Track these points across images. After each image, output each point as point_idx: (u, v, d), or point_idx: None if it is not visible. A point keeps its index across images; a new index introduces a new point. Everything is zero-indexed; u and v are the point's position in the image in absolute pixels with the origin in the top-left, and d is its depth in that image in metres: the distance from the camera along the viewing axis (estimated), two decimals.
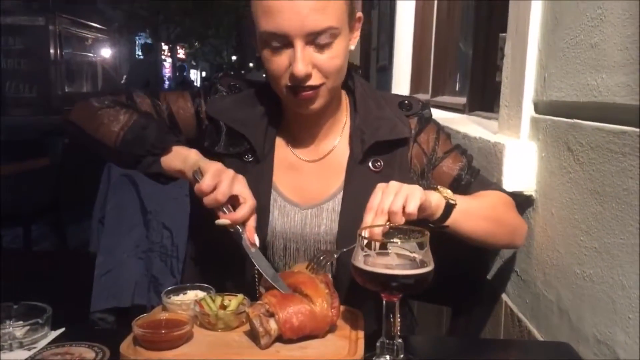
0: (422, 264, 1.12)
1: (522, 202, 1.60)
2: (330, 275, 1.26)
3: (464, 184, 1.47)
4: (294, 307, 1.15)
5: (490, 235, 1.42)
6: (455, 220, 1.30)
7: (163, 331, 1.13)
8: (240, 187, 1.28)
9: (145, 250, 3.28)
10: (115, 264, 3.36)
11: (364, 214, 1.21)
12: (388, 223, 1.20)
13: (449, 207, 1.29)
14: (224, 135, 1.45)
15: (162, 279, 3.41)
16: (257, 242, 1.29)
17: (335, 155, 1.48)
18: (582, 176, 1.30)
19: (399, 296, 1.15)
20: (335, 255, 1.33)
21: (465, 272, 1.69)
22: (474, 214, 1.36)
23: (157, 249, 3.28)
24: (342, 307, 1.28)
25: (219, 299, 1.27)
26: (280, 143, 1.49)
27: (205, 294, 1.33)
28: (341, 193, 1.44)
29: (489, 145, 1.69)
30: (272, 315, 1.15)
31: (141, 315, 1.20)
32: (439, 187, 1.31)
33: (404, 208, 1.20)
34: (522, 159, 1.56)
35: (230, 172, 1.28)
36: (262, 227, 1.40)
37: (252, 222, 1.29)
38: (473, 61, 2.85)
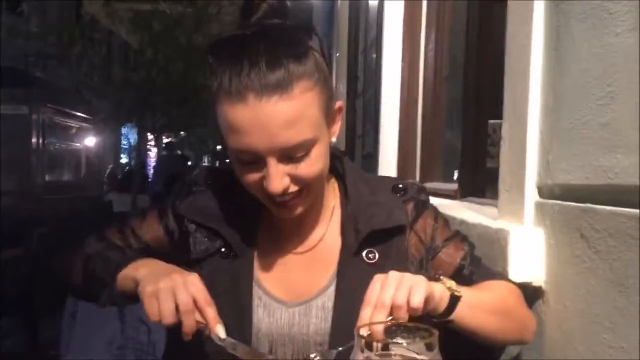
0: None
1: (530, 294, 1.47)
2: None
3: (466, 274, 1.35)
4: None
5: (499, 331, 1.28)
6: (461, 314, 1.17)
7: None
8: (183, 295, 1.10)
9: (119, 347, 3.06)
10: None
11: (360, 309, 1.07)
12: (390, 319, 1.06)
13: (454, 300, 1.16)
14: (196, 236, 1.33)
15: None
16: (221, 332, 1.12)
17: (324, 245, 1.36)
18: (601, 266, 1.18)
19: None
20: (328, 356, 1.18)
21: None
22: (481, 307, 1.23)
23: (132, 345, 3.06)
24: None
25: None
26: (262, 235, 1.36)
27: None
28: (332, 287, 1.30)
29: (491, 232, 1.58)
30: None
31: None
32: (441, 277, 1.18)
33: (407, 302, 1.06)
34: (528, 246, 1.45)
35: (165, 286, 1.10)
36: (245, 327, 1.27)
37: (210, 314, 1.12)
38: (462, 147, 2.80)
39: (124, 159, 22.57)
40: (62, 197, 7.35)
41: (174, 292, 1.09)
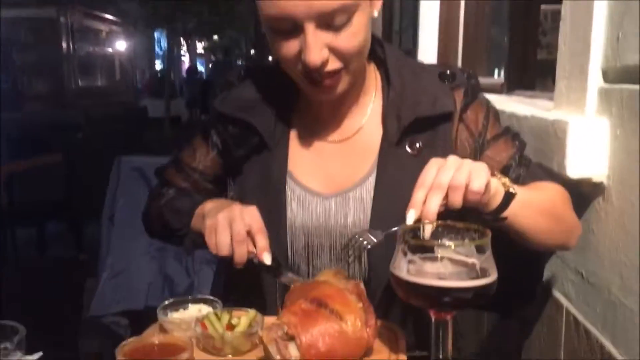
0: (483, 272, 0.87)
1: (589, 191, 1.34)
2: (362, 284, 1.01)
3: (514, 176, 1.22)
4: (319, 328, 0.91)
5: (548, 234, 1.17)
6: (514, 212, 1.06)
7: None
8: (239, 225, 1.09)
9: (158, 249, 3.08)
10: (127, 264, 3.16)
11: (413, 191, 0.97)
12: (437, 223, 0.95)
13: (509, 197, 1.04)
14: (234, 138, 1.28)
15: (177, 279, 3.21)
16: (267, 259, 1.09)
17: (363, 135, 1.25)
18: None
19: (452, 313, 0.90)
20: (374, 239, 1.08)
21: (516, 271, 1.43)
22: (533, 207, 1.11)
23: (171, 248, 3.07)
24: (378, 323, 1.04)
25: (226, 317, 1.04)
26: (297, 124, 1.27)
27: (209, 308, 1.10)
28: (371, 179, 1.21)
29: (546, 124, 1.42)
30: (292, 338, 0.91)
31: (129, 339, 0.96)
32: (495, 172, 1.06)
33: (466, 185, 0.96)
34: (589, 138, 1.30)
35: (223, 219, 1.10)
36: (279, 221, 1.21)
37: (261, 243, 1.09)
38: (510, 36, 2.59)
39: (158, 65, 22.41)
40: (97, 102, 7.33)
41: (230, 224, 1.08)
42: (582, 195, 1.38)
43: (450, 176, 0.96)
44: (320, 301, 0.95)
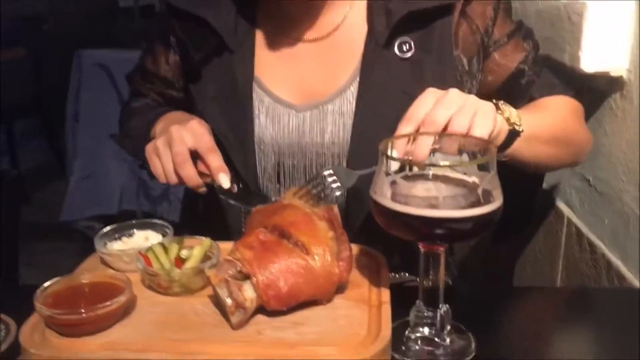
0: (486, 196, 0.69)
1: (604, 86, 1.15)
2: (336, 208, 0.84)
3: (523, 84, 1.03)
4: (280, 264, 0.75)
5: (554, 161, 1.02)
6: (517, 148, 0.88)
7: (82, 311, 0.73)
8: (177, 146, 0.91)
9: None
10: (96, 167, 2.98)
11: (398, 125, 0.78)
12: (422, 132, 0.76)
13: (513, 136, 0.86)
14: (191, 38, 1.07)
15: (151, 183, 3.04)
16: (224, 182, 0.92)
17: (344, 33, 1.04)
18: None
19: (446, 246, 0.74)
20: (349, 178, 0.90)
21: (511, 195, 1.27)
22: (539, 139, 0.93)
23: None
24: (355, 249, 0.88)
25: (174, 248, 0.87)
26: (263, 21, 1.06)
27: (158, 237, 0.93)
28: (353, 87, 1.01)
29: (558, 7, 1.20)
30: (246, 277, 0.75)
31: (54, 280, 0.80)
32: (499, 103, 0.86)
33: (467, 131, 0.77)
34: (610, 25, 1.09)
35: (162, 143, 0.94)
36: (245, 138, 1.03)
37: (213, 163, 0.92)
38: None
39: None
40: None
41: (169, 145, 0.92)
42: (595, 90, 1.19)
43: (448, 115, 0.76)
44: (282, 230, 0.78)
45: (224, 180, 0.91)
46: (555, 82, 1.06)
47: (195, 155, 0.93)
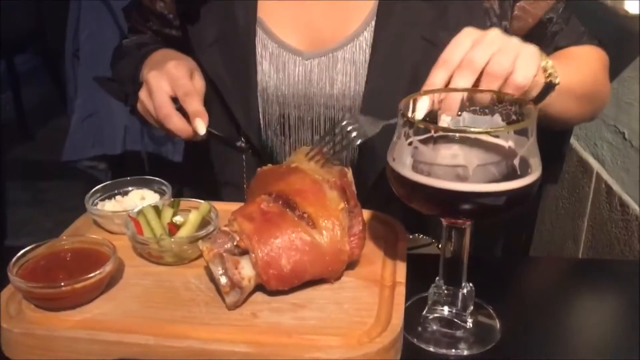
0: (524, 167, 0.59)
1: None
2: (350, 174, 0.74)
3: (550, 32, 0.92)
4: (282, 239, 0.66)
5: (578, 116, 0.93)
6: (548, 103, 0.77)
7: (62, 284, 0.65)
8: (156, 98, 0.83)
9: None
10: (98, 105, 2.87)
11: (431, 70, 0.67)
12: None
13: (548, 88, 0.75)
14: None
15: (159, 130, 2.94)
16: (200, 128, 0.83)
17: None
18: None
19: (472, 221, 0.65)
20: (368, 130, 0.79)
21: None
22: (570, 93, 0.83)
23: None
24: (369, 216, 0.80)
25: (168, 212, 0.78)
26: None
27: (155, 197, 0.85)
28: (367, 33, 0.90)
29: None
30: (244, 253, 0.66)
31: (34, 245, 0.71)
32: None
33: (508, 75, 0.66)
34: None
35: (144, 95, 0.86)
36: (248, 85, 0.93)
37: (190, 107, 0.83)
38: None
39: None
40: None
41: (151, 97, 0.84)
42: (635, 35, 1.06)
43: (488, 56, 0.65)
44: (286, 199, 0.68)
45: (200, 126, 0.82)
46: (583, 30, 0.95)
47: None
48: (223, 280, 0.64)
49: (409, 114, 0.63)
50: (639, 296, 0.75)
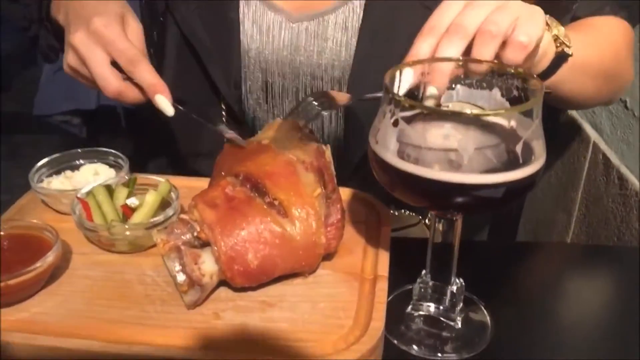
0: (526, 153, 0.51)
1: None
2: (329, 152, 0.65)
3: (565, 3, 0.82)
4: (249, 230, 0.57)
5: (592, 98, 0.84)
6: (561, 78, 0.68)
7: None
8: (93, 68, 0.69)
9: None
10: None
11: (416, 37, 0.57)
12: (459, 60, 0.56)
13: (560, 60, 0.66)
14: None
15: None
16: (167, 108, 0.70)
17: None
18: None
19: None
20: (343, 102, 0.70)
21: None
22: (586, 69, 0.74)
23: None
24: (349, 195, 0.72)
25: (122, 192, 0.69)
26: None
27: (110, 172, 0.76)
28: None
29: None
30: (206, 244, 0.58)
31: None
32: (546, 18, 0.64)
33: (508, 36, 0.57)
34: None
35: (74, 62, 0.71)
36: (228, 48, 0.83)
37: (143, 81, 0.70)
38: None
39: None
40: None
41: (86, 66, 0.70)
42: None
43: (482, 18, 0.55)
44: (255, 183, 0.60)
45: (164, 105, 0.69)
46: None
47: None
48: (180, 277, 0.56)
49: (395, 89, 0.55)
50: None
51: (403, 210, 0.93)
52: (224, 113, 0.87)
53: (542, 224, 1.41)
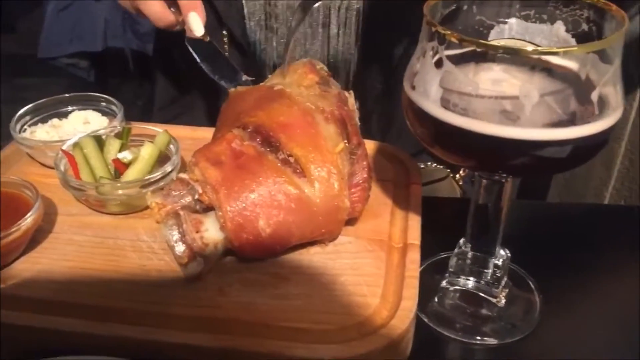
0: (602, 102, 0.41)
1: None
2: (352, 99, 0.55)
3: None
4: (260, 192, 0.48)
5: None
6: None
7: None
8: None
9: None
10: None
11: None
12: None
13: None
14: None
15: (136, 16, 2.69)
16: (198, 27, 0.65)
17: None
18: None
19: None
20: None
21: None
22: None
23: None
24: (373, 149, 0.63)
25: (114, 144, 0.60)
26: None
27: (102, 121, 0.67)
28: None
29: None
30: (209, 209, 0.49)
31: None
32: None
33: None
34: None
35: None
36: None
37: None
38: None
39: None
40: None
41: None
42: None
43: None
44: (266, 136, 0.50)
45: (195, 23, 0.64)
46: None
47: None
48: (179, 248, 0.47)
49: (439, 27, 0.44)
50: None
51: (430, 163, 0.84)
52: (225, 40, 0.78)
53: (575, 178, 1.31)
